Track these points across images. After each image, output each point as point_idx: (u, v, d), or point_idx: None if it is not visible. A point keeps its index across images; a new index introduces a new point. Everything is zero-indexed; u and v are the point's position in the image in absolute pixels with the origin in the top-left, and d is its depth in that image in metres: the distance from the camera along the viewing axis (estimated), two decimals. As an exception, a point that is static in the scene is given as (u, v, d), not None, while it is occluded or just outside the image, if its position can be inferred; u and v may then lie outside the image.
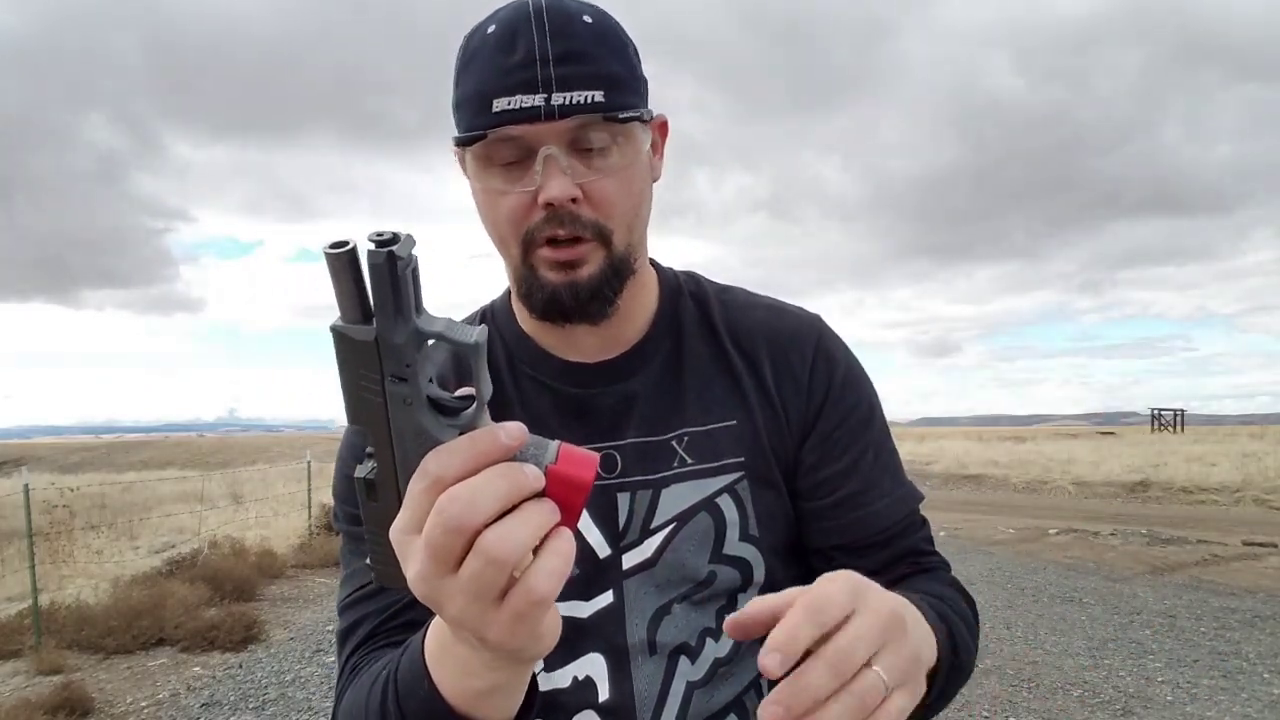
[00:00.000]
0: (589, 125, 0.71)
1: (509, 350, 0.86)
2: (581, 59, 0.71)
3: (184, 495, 12.94)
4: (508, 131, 0.71)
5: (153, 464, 30.41)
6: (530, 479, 0.46)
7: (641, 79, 0.77)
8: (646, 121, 0.76)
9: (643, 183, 0.77)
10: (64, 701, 4.63)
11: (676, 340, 0.85)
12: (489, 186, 0.74)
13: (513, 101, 0.70)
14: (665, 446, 0.81)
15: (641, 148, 0.76)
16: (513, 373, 0.85)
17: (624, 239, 0.76)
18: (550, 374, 0.84)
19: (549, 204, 0.71)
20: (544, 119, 0.69)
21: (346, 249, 0.42)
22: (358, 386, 0.46)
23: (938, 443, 29.87)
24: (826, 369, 0.84)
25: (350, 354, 0.45)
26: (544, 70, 0.69)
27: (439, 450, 0.46)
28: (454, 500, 0.45)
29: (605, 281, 0.76)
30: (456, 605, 0.47)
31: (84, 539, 8.93)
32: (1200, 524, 11.64)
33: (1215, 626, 6.14)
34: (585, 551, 0.79)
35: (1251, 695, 4.69)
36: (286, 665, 5.67)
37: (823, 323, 0.88)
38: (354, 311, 0.44)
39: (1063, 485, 17.60)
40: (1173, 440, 29.82)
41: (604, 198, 0.73)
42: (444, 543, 0.45)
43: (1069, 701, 4.66)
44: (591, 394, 0.82)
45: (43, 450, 54.81)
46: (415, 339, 0.44)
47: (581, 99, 0.70)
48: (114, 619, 6.08)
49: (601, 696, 0.78)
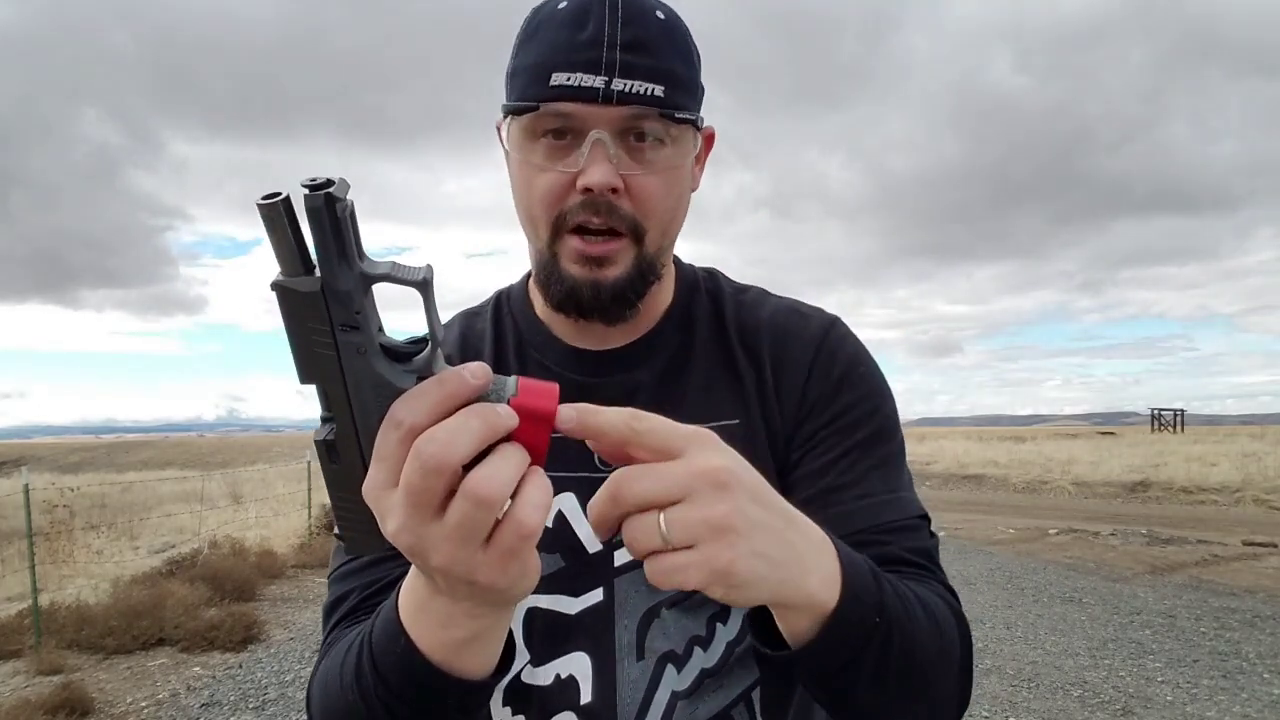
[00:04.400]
0: (644, 118, 0.70)
1: (520, 334, 0.86)
2: (649, 50, 0.70)
3: (184, 495, 12.93)
4: (561, 108, 0.69)
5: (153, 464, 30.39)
6: (504, 417, 0.45)
7: (700, 86, 0.76)
8: (699, 128, 0.75)
9: (684, 187, 0.76)
10: (64, 701, 4.63)
11: (687, 335, 0.84)
12: (530, 160, 0.73)
13: (573, 78, 0.68)
14: None
15: (689, 152, 0.75)
16: (520, 355, 0.84)
17: (656, 241, 0.75)
18: (556, 359, 0.83)
19: (588, 189, 0.70)
20: (601, 102, 0.68)
21: (280, 197, 0.40)
22: (308, 342, 0.45)
23: (938, 443, 29.85)
24: (826, 367, 0.81)
25: (296, 308, 0.43)
26: (610, 53, 0.68)
27: (406, 397, 0.45)
28: (431, 441, 0.44)
29: (630, 284, 0.74)
30: (444, 552, 0.46)
31: (84, 539, 8.93)
32: (1200, 524, 11.64)
33: (1215, 626, 6.14)
34: (574, 545, 0.78)
35: (1251, 695, 4.69)
36: (286, 665, 5.67)
37: (837, 323, 0.85)
38: (294, 263, 0.42)
39: (1063, 485, 17.59)
40: (1173, 440, 29.82)
41: (645, 194, 0.72)
42: (425, 486, 0.44)
43: (1069, 701, 4.66)
44: (595, 383, 0.81)
45: (43, 450, 54.80)
46: (361, 283, 0.43)
47: (642, 90, 0.69)
48: (114, 619, 6.07)
49: (583, 698, 0.76)
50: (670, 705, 0.76)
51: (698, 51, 0.77)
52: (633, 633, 0.77)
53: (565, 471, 0.78)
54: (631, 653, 0.76)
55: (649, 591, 0.77)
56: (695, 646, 0.77)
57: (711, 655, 0.77)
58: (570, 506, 0.78)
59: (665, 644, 0.76)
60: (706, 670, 0.77)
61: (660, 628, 0.77)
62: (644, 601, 0.77)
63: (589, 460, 0.79)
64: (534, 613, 0.77)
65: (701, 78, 0.77)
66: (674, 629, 0.77)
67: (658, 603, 0.77)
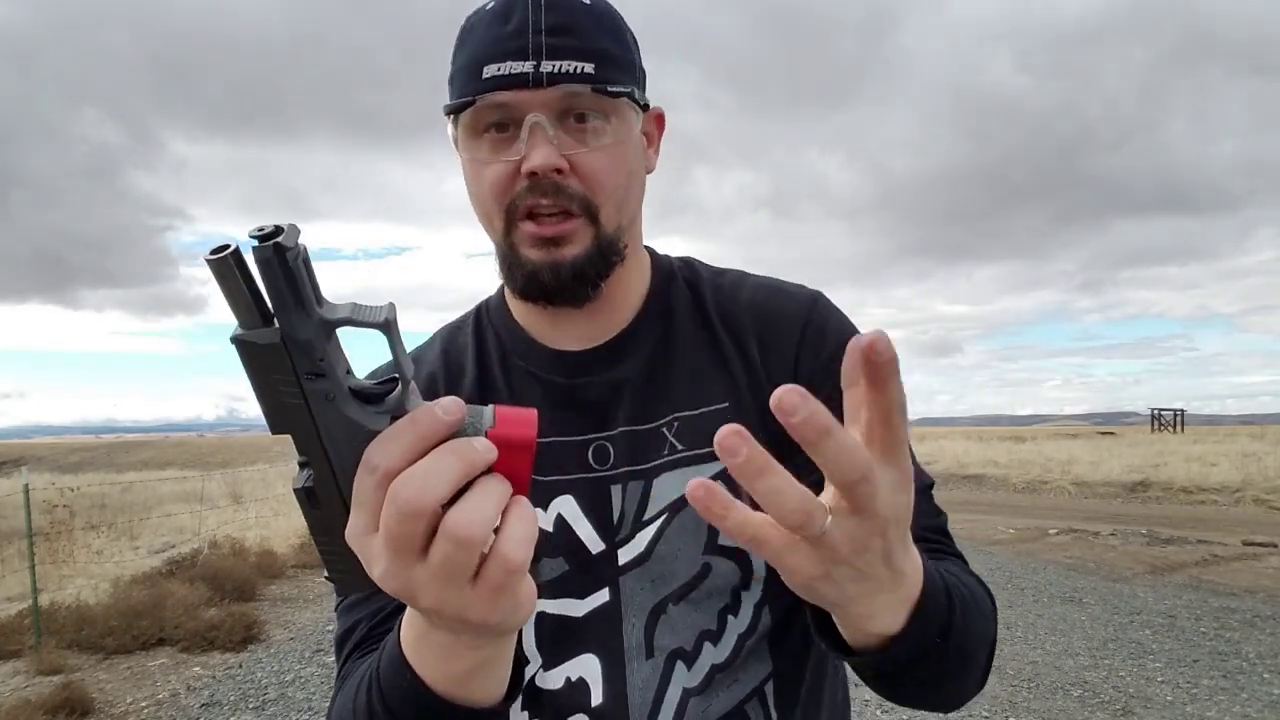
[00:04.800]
0: (578, 97, 0.71)
1: (501, 342, 0.86)
2: (574, 32, 0.71)
3: (184, 495, 12.93)
4: (495, 98, 0.71)
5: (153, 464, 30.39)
6: (481, 452, 0.44)
7: (637, 65, 0.77)
8: (641, 106, 0.76)
9: (633, 164, 0.77)
10: (64, 701, 4.63)
11: (667, 325, 0.83)
12: (476, 156, 0.74)
13: (502, 68, 0.70)
14: (656, 434, 0.79)
15: (632, 127, 0.75)
16: (504, 364, 0.84)
17: (613, 219, 0.75)
18: (540, 364, 0.82)
19: (532, 173, 0.71)
20: (532, 86, 0.70)
21: (229, 250, 0.39)
22: (275, 393, 0.44)
23: (938, 443, 29.85)
24: (815, 343, 0.80)
25: (259, 361, 0.42)
26: (535, 39, 0.70)
27: (379, 440, 0.44)
28: (406, 485, 0.43)
29: (589, 262, 0.74)
30: (431, 593, 0.46)
31: (84, 539, 8.93)
32: (1200, 524, 11.63)
33: (1215, 626, 6.14)
34: (577, 547, 0.77)
35: (1251, 695, 4.69)
36: (286, 665, 5.67)
37: (820, 298, 0.84)
38: (251, 316, 0.41)
39: (1063, 485, 17.59)
40: (1173, 440, 29.81)
41: (591, 171, 0.72)
42: (404, 531, 0.43)
43: (1069, 701, 4.66)
44: (580, 384, 0.81)
45: (43, 450, 54.79)
46: (322, 330, 0.42)
47: (571, 68, 0.70)
48: (114, 619, 6.07)
49: (594, 700, 0.76)
50: (682, 703, 0.75)
51: (633, 34, 0.78)
52: (640, 631, 0.76)
53: (562, 474, 0.78)
54: (640, 652, 0.76)
55: (654, 587, 0.76)
56: (705, 641, 0.76)
57: (722, 650, 0.76)
58: (570, 509, 0.78)
59: (674, 640, 0.76)
60: (717, 665, 0.76)
61: (668, 624, 0.76)
62: (650, 598, 0.76)
63: (586, 461, 0.79)
64: (542, 617, 0.77)
65: (640, 60, 0.78)
66: (682, 625, 0.76)
67: (664, 598, 0.76)
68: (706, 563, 0.76)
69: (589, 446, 0.79)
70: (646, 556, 0.76)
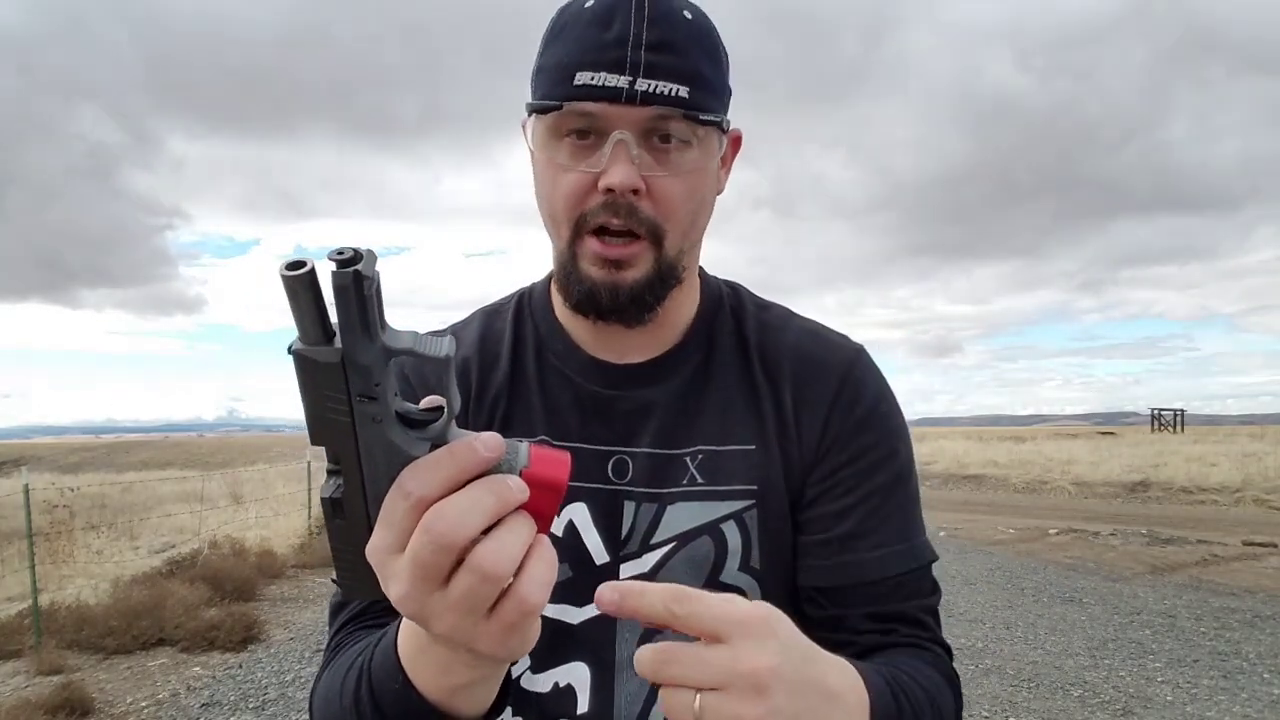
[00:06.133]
0: (668, 119, 0.69)
1: (539, 337, 0.85)
2: (675, 51, 0.69)
3: (184, 495, 12.92)
4: (584, 107, 0.69)
5: (153, 464, 30.38)
6: (515, 492, 0.45)
7: (727, 88, 0.75)
8: (724, 130, 0.75)
9: (707, 191, 0.76)
10: (64, 701, 4.62)
11: (707, 354, 0.83)
12: (554, 159, 0.72)
13: (597, 78, 0.68)
14: (678, 461, 0.78)
15: (714, 155, 0.74)
16: (539, 360, 0.83)
17: (677, 244, 0.74)
18: (575, 368, 0.82)
19: (609, 189, 0.69)
20: (624, 102, 0.68)
21: (306, 270, 0.40)
22: (323, 408, 0.44)
23: (938, 443, 29.85)
24: (849, 402, 0.79)
25: (315, 376, 0.43)
26: (635, 53, 0.68)
27: (416, 467, 0.45)
28: (442, 518, 0.44)
29: (649, 287, 0.74)
30: (446, 621, 0.46)
31: (84, 539, 8.92)
32: (1200, 524, 11.64)
33: (1215, 626, 6.14)
34: (582, 555, 0.77)
35: (1251, 695, 4.69)
36: (286, 665, 5.67)
37: (862, 354, 0.83)
38: (316, 332, 0.42)
39: (1063, 485, 17.59)
40: (1173, 440, 29.81)
41: (667, 196, 0.71)
42: (433, 561, 0.44)
43: (1069, 701, 4.66)
44: (612, 395, 0.80)
45: (43, 450, 54.79)
46: (383, 357, 0.43)
47: (666, 90, 0.68)
48: (114, 619, 6.07)
49: (580, 708, 0.76)
50: None
51: (726, 53, 0.76)
52: (633, 646, 0.76)
53: (580, 481, 0.78)
54: (630, 666, 0.76)
55: None
56: None
57: None
58: (581, 517, 0.78)
59: None
60: None
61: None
62: None
63: (605, 473, 0.79)
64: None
65: (730, 79, 0.76)
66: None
67: None
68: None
69: (610, 459, 0.79)
70: (650, 578, 0.76)
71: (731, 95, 0.77)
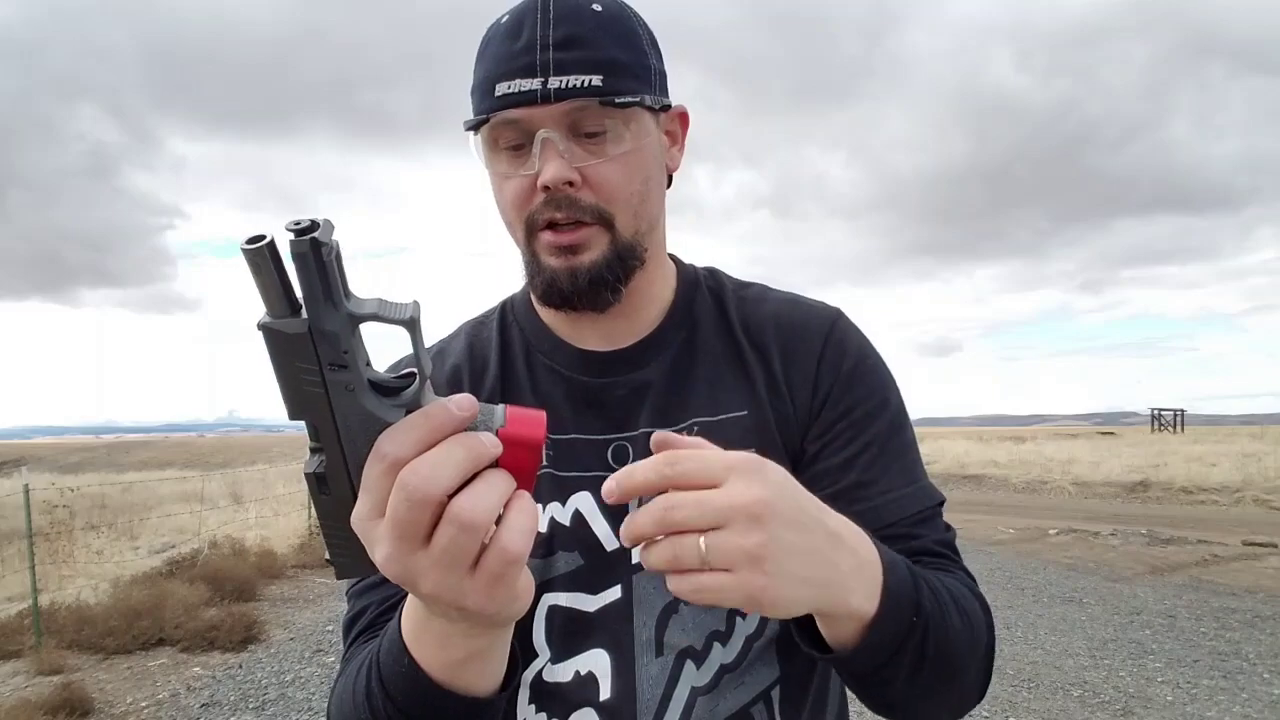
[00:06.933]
0: (586, 110, 0.72)
1: (526, 338, 0.87)
2: (582, 44, 0.72)
3: (184, 495, 12.93)
4: (507, 115, 0.72)
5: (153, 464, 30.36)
6: (487, 445, 0.46)
7: (651, 68, 0.77)
8: (654, 110, 0.77)
9: (649, 170, 0.77)
10: (64, 701, 4.63)
11: (690, 332, 0.85)
12: (495, 170, 0.76)
13: (512, 85, 0.72)
14: None
15: (648, 133, 0.76)
16: (528, 360, 0.86)
17: (629, 225, 0.76)
18: (564, 362, 0.84)
19: (545, 187, 0.72)
20: (540, 102, 0.71)
21: (265, 242, 0.40)
22: (297, 381, 0.45)
23: (938, 443, 29.84)
24: (835, 359, 0.82)
25: (284, 349, 0.44)
26: (543, 55, 0.71)
27: (391, 430, 0.46)
28: (415, 473, 0.45)
29: (607, 267, 0.76)
30: (431, 579, 0.47)
31: (84, 539, 8.93)
32: (1200, 524, 11.63)
33: (1215, 626, 6.14)
34: (592, 543, 0.78)
35: (1251, 695, 4.69)
36: (286, 665, 5.67)
37: (840, 315, 0.86)
38: (281, 305, 0.43)
39: (1063, 485, 17.59)
40: (1173, 440, 29.82)
41: (604, 182, 0.74)
42: (410, 517, 0.45)
43: (1069, 701, 4.66)
44: (604, 383, 0.82)
45: (43, 450, 54.80)
46: (349, 324, 0.44)
47: (578, 83, 0.71)
48: (114, 619, 6.08)
49: (603, 695, 0.77)
50: (690, 701, 0.76)
51: (649, 35, 0.78)
52: (651, 629, 0.77)
53: (581, 471, 0.80)
54: (650, 649, 0.77)
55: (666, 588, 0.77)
56: (715, 642, 0.77)
57: (730, 650, 0.77)
58: (588, 506, 0.79)
59: (684, 639, 0.77)
60: (726, 666, 0.77)
61: (679, 623, 0.77)
62: (662, 598, 0.78)
63: (605, 461, 0.80)
64: (554, 610, 0.78)
65: (658, 61, 0.78)
66: (692, 625, 0.77)
67: (675, 598, 0.77)
68: None
69: (609, 446, 0.81)
70: None
71: (664, 75, 0.79)
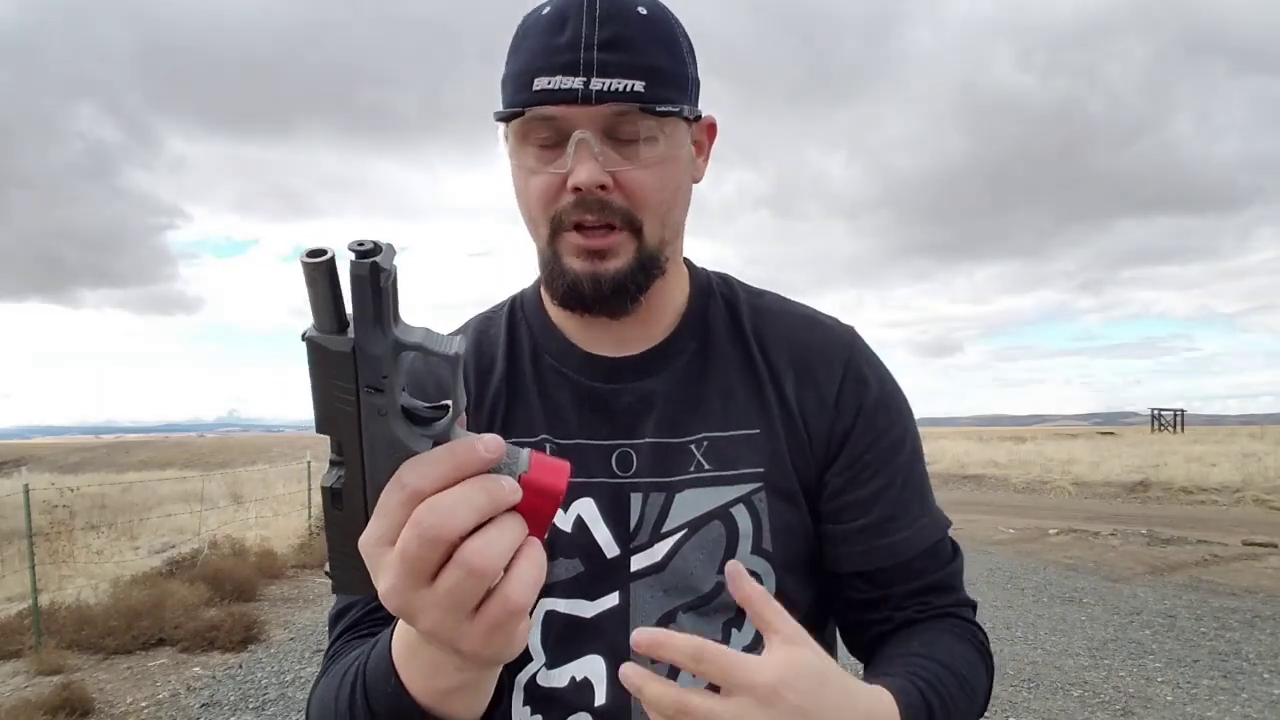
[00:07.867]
0: (625, 114, 0.71)
1: (534, 338, 0.86)
2: (627, 47, 0.71)
3: (184, 495, 12.92)
4: (544, 111, 0.71)
5: (153, 464, 30.36)
6: (507, 492, 0.46)
7: (690, 77, 0.77)
8: (689, 119, 0.76)
9: (679, 179, 0.77)
10: (64, 701, 4.63)
11: (703, 342, 0.84)
12: (524, 164, 0.75)
13: (553, 82, 0.70)
14: (683, 450, 0.79)
15: (681, 144, 0.76)
16: (535, 361, 0.85)
17: (656, 233, 0.76)
18: (572, 365, 0.83)
19: (576, 189, 0.71)
20: (580, 102, 0.70)
21: (325, 258, 0.41)
22: (331, 396, 0.45)
23: (938, 443, 29.82)
24: (857, 389, 0.82)
25: (325, 364, 0.44)
26: (587, 54, 0.70)
27: (415, 461, 0.46)
28: (431, 510, 0.44)
29: (631, 276, 0.75)
30: (431, 617, 0.47)
31: (84, 539, 8.92)
32: (1200, 524, 11.63)
33: (1215, 626, 6.14)
34: (593, 550, 0.78)
35: (1251, 695, 4.69)
36: (286, 665, 5.67)
37: (856, 337, 0.86)
38: (330, 320, 0.43)
39: (1063, 485, 17.58)
40: (1173, 440, 29.81)
41: (636, 188, 0.73)
42: (419, 554, 0.44)
43: (1069, 701, 4.66)
44: (611, 389, 0.81)
45: (43, 450, 54.78)
46: (393, 350, 0.43)
47: (621, 87, 0.70)
48: (114, 619, 6.07)
49: (598, 701, 0.76)
50: None
51: (689, 43, 0.77)
52: None
53: (584, 477, 0.79)
54: (646, 658, 0.77)
55: (665, 597, 0.77)
56: None
57: None
58: (589, 512, 0.78)
59: None
60: None
61: (677, 631, 0.77)
62: (659, 606, 0.77)
63: (609, 467, 0.80)
64: (552, 615, 0.78)
65: (695, 70, 0.77)
66: (690, 633, 0.77)
67: (674, 608, 0.77)
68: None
69: (613, 452, 0.80)
70: (661, 567, 0.77)
71: (699, 85, 0.78)
